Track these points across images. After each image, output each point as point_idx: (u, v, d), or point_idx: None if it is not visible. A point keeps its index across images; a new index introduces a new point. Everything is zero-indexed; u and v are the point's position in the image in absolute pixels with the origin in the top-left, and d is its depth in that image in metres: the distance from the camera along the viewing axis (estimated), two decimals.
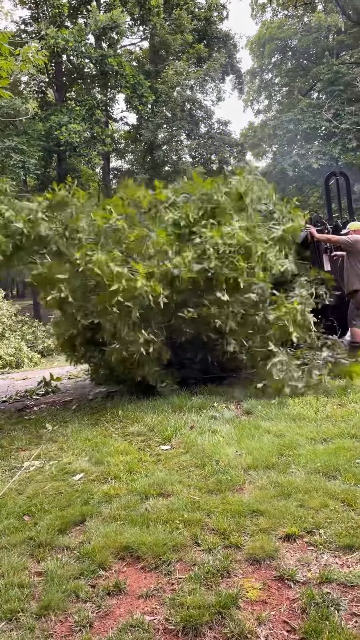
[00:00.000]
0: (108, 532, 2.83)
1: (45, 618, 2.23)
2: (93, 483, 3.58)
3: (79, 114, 20.85)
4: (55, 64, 23.47)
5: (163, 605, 2.26)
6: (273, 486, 3.21)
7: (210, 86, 28.15)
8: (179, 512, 2.98)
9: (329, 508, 2.86)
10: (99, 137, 21.20)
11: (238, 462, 3.64)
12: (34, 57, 7.08)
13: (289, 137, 27.04)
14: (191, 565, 2.50)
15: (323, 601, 2.17)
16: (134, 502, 3.19)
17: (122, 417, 5.11)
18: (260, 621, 2.12)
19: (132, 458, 3.95)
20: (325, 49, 28.53)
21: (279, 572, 2.40)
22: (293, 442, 3.88)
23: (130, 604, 2.30)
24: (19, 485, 3.67)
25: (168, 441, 4.30)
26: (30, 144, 19.42)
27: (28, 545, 2.81)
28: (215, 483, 3.34)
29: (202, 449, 3.97)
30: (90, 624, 2.18)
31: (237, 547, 2.61)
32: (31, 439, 4.79)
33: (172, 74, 22.78)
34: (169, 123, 23.71)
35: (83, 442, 4.46)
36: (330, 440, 3.88)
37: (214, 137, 27.28)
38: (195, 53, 25.24)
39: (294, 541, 2.63)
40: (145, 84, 22.25)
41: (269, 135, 28.72)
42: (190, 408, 5.13)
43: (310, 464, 3.45)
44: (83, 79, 24.17)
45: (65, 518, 3.05)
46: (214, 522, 2.84)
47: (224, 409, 5.02)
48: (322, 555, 2.50)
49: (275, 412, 4.69)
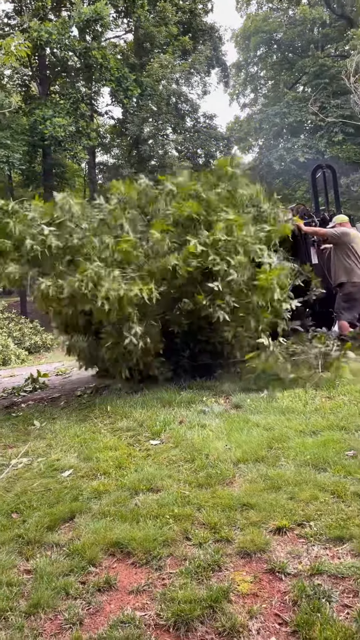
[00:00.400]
0: (98, 528, 2.81)
1: (35, 616, 2.20)
2: (82, 479, 3.55)
3: (64, 107, 20.65)
4: (38, 57, 23.19)
5: (154, 600, 2.25)
6: (263, 479, 3.20)
7: (195, 79, 28.07)
8: (169, 507, 2.96)
9: (319, 500, 2.86)
10: (84, 131, 21.02)
11: (228, 455, 3.63)
12: (17, 50, 6.97)
13: (275, 131, 27.09)
14: (182, 560, 2.49)
15: (314, 593, 2.16)
16: (123, 497, 3.17)
17: (111, 413, 5.08)
18: (252, 614, 2.11)
19: (121, 453, 3.93)
20: (310, 42, 28.57)
21: (270, 565, 2.39)
22: (282, 435, 3.88)
23: (120, 600, 2.29)
24: (6, 483, 3.63)
25: (157, 436, 4.28)
26: (14, 138, 19.19)
27: (16, 543, 2.78)
28: (205, 477, 3.33)
29: (192, 443, 3.96)
30: (80, 621, 2.16)
31: (227, 541, 2.60)
32: (19, 436, 4.75)
33: (157, 67, 22.64)
34: (155, 117, 23.60)
35: (72, 438, 4.43)
36: (319, 433, 3.88)
37: (200, 131, 27.23)
38: (180, 46, 25.11)
39: (285, 534, 2.62)
40: (130, 77, 22.08)
41: (255, 129, 28.73)
42: (179, 403, 5.11)
43: (300, 457, 3.45)
44: (67, 72, 23.91)
45: (54, 515, 3.02)
46: (204, 517, 2.83)
47: (213, 403, 5.01)
48: (312, 548, 2.50)
49: (264, 406, 4.69)
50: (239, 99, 35.08)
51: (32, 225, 5.51)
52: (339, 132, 23.94)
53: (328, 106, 24.51)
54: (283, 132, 27.48)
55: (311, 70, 26.82)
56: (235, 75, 33.49)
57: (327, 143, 24.27)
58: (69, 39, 20.11)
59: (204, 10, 28.28)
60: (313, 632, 1.96)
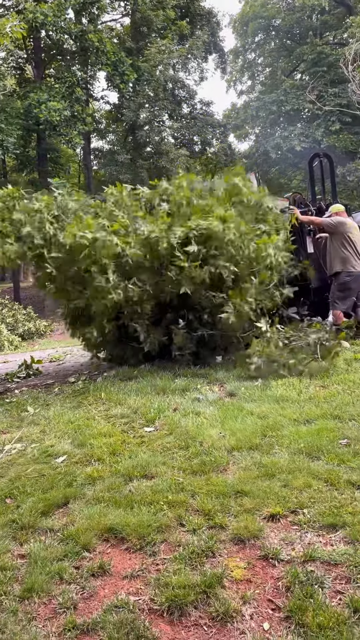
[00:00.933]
0: (92, 514, 2.81)
1: (29, 600, 2.21)
2: (76, 465, 3.55)
3: (59, 91, 20.37)
4: (33, 40, 22.83)
5: (148, 585, 2.26)
6: (257, 467, 3.21)
7: (192, 65, 27.75)
8: (163, 493, 2.97)
9: (312, 488, 2.88)
10: (80, 116, 20.76)
11: (222, 443, 3.64)
12: (12, 31, 6.85)
13: (272, 119, 26.91)
14: (176, 545, 2.50)
15: (307, 579, 2.18)
16: (117, 484, 3.17)
17: (105, 400, 5.07)
18: (245, 600, 2.13)
19: (115, 440, 3.93)
20: (308, 29, 28.31)
21: (263, 552, 2.41)
22: (276, 424, 3.90)
23: (114, 585, 2.29)
24: (0, 469, 3.62)
25: (152, 423, 4.28)
26: (8, 122, 18.92)
27: (10, 528, 2.78)
28: (199, 464, 3.34)
29: (186, 430, 3.96)
30: (74, 605, 2.17)
31: (221, 527, 2.62)
32: (12, 422, 4.74)
33: (155, 52, 22.35)
34: (151, 103, 23.35)
35: (65, 424, 4.42)
36: (313, 422, 3.90)
37: (196, 117, 26.99)
38: (177, 30, 24.79)
39: (278, 521, 2.64)
40: (126, 61, 21.80)
41: (252, 116, 28.48)
42: (173, 390, 5.11)
43: (294, 445, 3.47)
44: (62, 55, 23.58)
45: (48, 500, 3.02)
46: (198, 503, 2.84)
47: (208, 391, 5.01)
48: (306, 535, 2.51)
49: (258, 394, 4.70)
50: (236, 85, 34.79)
51: (34, 215, 5.88)
52: (336, 121, 23.79)
53: (325, 95, 24.33)
54: (280, 121, 27.30)
55: (309, 58, 26.57)
56: (233, 62, 33.16)
57: (324, 132, 24.13)
58: (65, 22, 19.80)
59: None
60: (306, 618, 1.98)
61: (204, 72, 30.46)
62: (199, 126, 26.24)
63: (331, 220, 6.93)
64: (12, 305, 18.78)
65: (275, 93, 26.83)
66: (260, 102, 27.32)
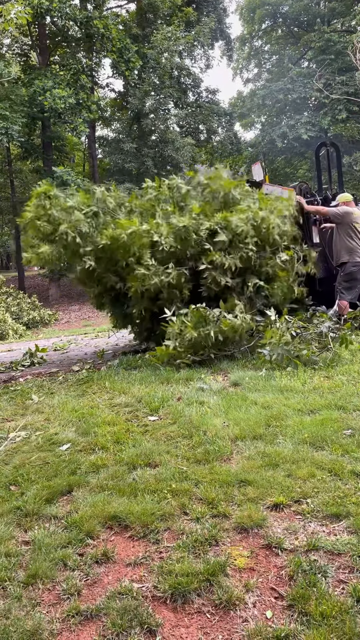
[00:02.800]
0: (96, 502, 2.82)
1: (33, 586, 2.22)
2: (80, 453, 3.56)
3: (64, 78, 20.19)
4: (38, 26, 22.60)
5: (151, 573, 2.27)
6: (260, 456, 3.21)
7: (198, 52, 27.47)
8: (166, 482, 2.98)
9: (316, 478, 2.88)
10: (85, 103, 20.59)
11: (225, 432, 3.64)
12: (17, 16, 6.77)
13: (278, 107, 26.65)
14: (179, 534, 2.51)
15: (310, 568, 2.19)
16: (121, 472, 3.18)
17: (110, 389, 5.08)
18: (248, 588, 2.13)
19: (119, 429, 3.94)
20: (316, 16, 27.91)
21: (266, 541, 2.41)
22: (280, 414, 3.89)
23: (118, 572, 2.30)
24: (5, 456, 3.64)
25: (155, 412, 4.29)
26: (13, 109, 18.80)
27: (15, 515, 2.79)
28: (202, 453, 3.34)
29: (190, 419, 3.96)
30: (78, 591, 2.18)
31: (225, 516, 2.62)
32: (17, 410, 4.75)
33: (161, 39, 22.11)
34: (157, 90, 23.14)
35: (70, 413, 4.44)
36: (317, 412, 3.90)
37: (202, 106, 26.76)
38: (183, 17, 24.49)
39: (282, 510, 2.64)
40: (132, 48, 21.57)
41: (258, 105, 28.20)
42: (177, 380, 5.12)
43: (298, 435, 3.46)
44: (68, 42, 23.34)
45: (52, 488, 3.03)
46: (202, 492, 2.85)
47: (212, 381, 5.01)
48: (309, 524, 2.51)
49: (262, 384, 4.69)
50: (242, 73, 34.40)
51: (71, 212, 6.27)
52: (343, 109, 23.54)
53: (333, 83, 24.05)
54: (286, 109, 27.01)
55: (317, 46, 26.23)
56: (239, 49, 32.76)
57: (331, 120, 23.88)
58: (70, 8, 19.56)
59: None
60: (309, 606, 1.98)
61: (210, 60, 30.16)
62: (205, 114, 26.01)
63: (338, 210, 6.88)
64: (16, 294, 18.80)
65: (282, 81, 26.53)
66: (266, 90, 27.04)
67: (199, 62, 29.21)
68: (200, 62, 29.60)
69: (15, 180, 26.38)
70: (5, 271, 39.65)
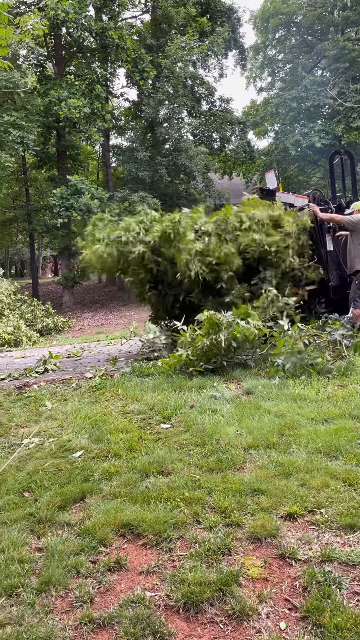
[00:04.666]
0: (108, 509, 2.82)
1: (46, 593, 2.23)
2: (93, 460, 3.57)
3: (79, 88, 20.40)
4: (54, 37, 22.91)
5: (164, 581, 2.26)
6: (274, 465, 3.20)
7: (212, 62, 27.60)
8: (179, 490, 2.97)
9: (330, 488, 2.85)
10: (99, 113, 20.78)
11: (238, 441, 3.63)
12: (34, 27, 6.87)
13: (292, 116, 26.63)
14: (192, 542, 2.50)
15: (325, 580, 2.16)
16: (134, 479, 3.18)
17: (122, 396, 5.09)
18: (262, 599, 2.12)
19: (132, 436, 3.94)
20: (330, 24, 27.93)
21: (280, 551, 2.39)
22: (294, 422, 3.87)
23: (131, 580, 2.30)
24: (18, 462, 3.66)
25: (168, 420, 4.29)
26: (29, 119, 19.03)
27: (28, 521, 2.80)
28: (215, 462, 3.33)
29: (203, 427, 3.96)
30: (91, 599, 2.18)
31: (238, 525, 2.61)
32: (30, 416, 4.78)
33: (175, 49, 22.26)
34: (171, 99, 23.28)
35: (83, 419, 4.45)
36: (331, 421, 3.87)
37: (215, 114, 26.84)
38: (198, 27, 24.66)
39: (295, 520, 2.62)
40: (146, 58, 21.74)
41: (272, 113, 28.22)
42: (190, 387, 5.11)
43: (311, 444, 3.44)
44: (83, 52, 23.60)
45: (65, 495, 3.04)
46: (214, 501, 2.84)
47: (224, 389, 5.00)
48: (323, 535, 2.49)
49: (275, 392, 4.67)
50: (255, 82, 34.45)
51: None
52: (357, 117, 23.47)
53: (347, 91, 24.01)
54: (300, 117, 26.98)
55: (331, 54, 26.23)
56: (253, 58, 32.86)
57: (345, 128, 23.82)
58: (86, 19, 19.81)
59: None
60: (323, 618, 1.96)
61: (224, 69, 30.30)
62: (218, 123, 26.08)
63: (352, 217, 6.85)
64: (31, 301, 18.93)
65: (296, 89, 26.55)
66: (280, 98, 27.06)
67: (213, 71, 29.33)
68: (214, 71, 29.71)
69: (30, 189, 26.66)
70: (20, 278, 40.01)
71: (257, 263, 6.94)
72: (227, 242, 6.85)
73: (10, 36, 5.53)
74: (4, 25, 5.65)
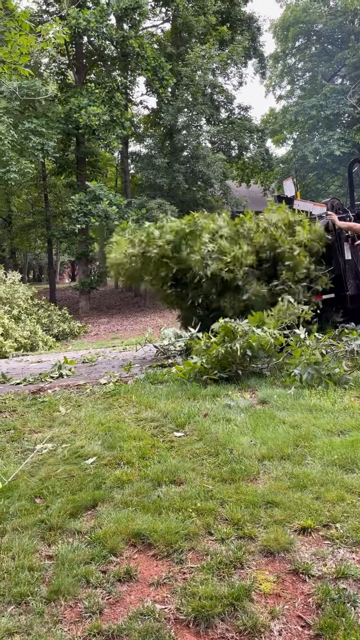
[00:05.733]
0: (119, 518, 2.80)
1: (55, 603, 2.20)
2: (105, 468, 3.55)
3: (99, 96, 20.61)
4: (75, 45, 23.19)
5: (174, 594, 2.22)
6: (288, 477, 3.14)
7: (232, 70, 27.66)
8: (191, 500, 2.93)
9: (345, 502, 2.79)
10: (119, 120, 20.96)
11: (252, 451, 3.58)
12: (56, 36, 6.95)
13: (311, 124, 26.58)
14: (204, 554, 2.46)
15: (339, 597, 2.11)
16: (146, 488, 3.15)
17: (136, 403, 5.07)
18: (274, 615, 2.07)
19: (145, 444, 3.92)
20: (350, 33, 27.87)
21: (293, 566, 2.34)
22: (309, 434, 3.81)
23: (141, 592, 2.27)
24: (31, 468, 3.66)
25: (181, 428, 4.25)
26: (49, 126, 19.26)
27: (39, 528, 2.79)
28: (229, 472, 3.29)
29: (216, 437, 3.92)
30: (100, 610, 2.15)
31: (250, 538, 2.56)
32: (44, 422, 4.78)
33: (195, 57, 22.37)
34: (190, 107, 23.36)
35: (96, 426, 4.44)
36: (347, 433, 3.80)
37: (234, 122, 26.87)
38: (218, 35, 24.75)
39: (310, 534, 2.57)
40: (166, 66, 21.88)
41: (290, 121, 28.20)
42: (204, 396, 5.08)
43: (327, 456, 3.38)
44: (103, 60, 23.84)
45: (76, 502, 3.03)
46: (227, 512, 2.79)
47: (239, 398, 4.95)
48: (338, 550, 2.43)
49: (291, 403, 4.61)
50: (274, 90, 34.51)
51: None
52: None
53: None
54: (319, 125, 26.93)
55: (350, 62, 26.18)
56: (272, 67, 32.91)
57: None
58: (107, 28, 20.02)
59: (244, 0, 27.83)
60: (337, 637, 1.91)
61: (243, 77, 30.31)
62: (237, 131, 26.10)
63: None
64: (48, 305, 19.06)
65: (315, 98, 26.51)
66: (299, 106, 27.04)
67: (232, 79, 29.42)
68: (234, 80, 29.84)
69: (49, 195, 26.94)
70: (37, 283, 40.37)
71: (273, 267, 6.97)
72: (242, 243, 6.99)
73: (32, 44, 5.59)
74: (25, 33, 5.73)
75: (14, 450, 4.06)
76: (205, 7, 23.98)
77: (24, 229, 27.87)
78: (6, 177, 18.16)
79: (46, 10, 23.16)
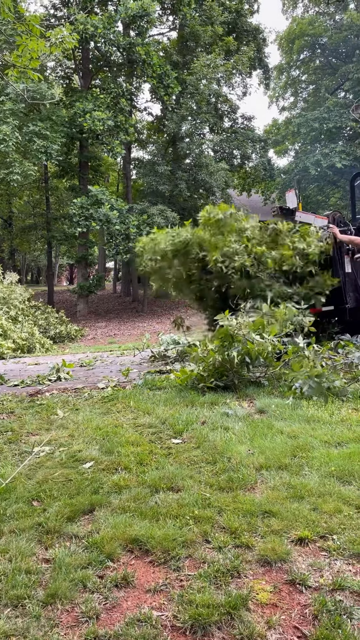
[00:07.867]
0: (117, 523, 2.80)
1: (52, 606, 2.20)
2: (103, 472, 3.55)
3: (104, 101, 20.73)
4: (82, 51, 23.34)
5: (171, 601, 2.22)
6: (285, 487, 3.15)
7: (236, 80, 27.89)
8: (189, 507, 2.94)
9: (343, 513, 2.80)
10: (122, 126, 21.07)
11: (250, 460, 3.59)
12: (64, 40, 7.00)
13: (313, 136, 26.77)
14: (201, 562, 2.46)
15: (335, 609, 2.11)
16: (143, 494, 3.15)
17: (134, 408, 5.08)
18: (270, 625, 2.07)
19: (142, 449, 3.92)
20: (355, 47, 28.13)
21: (290, 576, 2.35)
22: (307, 444, 3.82)
23: (138, 598, 2.27)
24: (28, 470, 3.65)
25: (179, 435, 4.26)
26: (53, 129, 19.36)
27: (36, 531, 2.79)
28: (226, 480, 3.29)
29: (214, 445, 3.92)
30: (97, 615, 2.15)
31: (248, 547, 2.57)
32: (42, 424, 4.78)
33: (201, 66, 22.54)
34: (194, 115, 23.51)
35: (94, 430, 4.44)
36: (344, 445, 3.81)
37: (237, 132, 27.07)
38: (224, 46, 24.96)
39: (307, 545, 2.57)
40: (172, 74, 22.04)
41: (293, 132, 28.40)
42: (202, 403, 5.09)
43: (324, 468, 3.39)
44: (109, 66, 24.00)
45: (74, 506, 3.02)
46: (224, 521, 2.80)
47: (237, 406, 4.97)
48: (335, 562, 2.44)
49: (289, 413, 4.63)
50: (278, 101, 34.82)
51: None
52: None
53: None
54: (321, 138, 27.13)
55: (355, 77, 26.43)
56: (277, 78, 33.20)
57: None
58: (114, 34, 20.17)
59: (250, 11, 28.10)
60: None
61: (248, 87, 30.59)
62: (240, 140, 26.29)
63: None
64: (45, 307, 19.05)
65: (318, 110, 26.73)
66: (302, 118, 27.25)
67: (237, 89, 29.66)
68: (238, 89, 30.07)
69: (50, 197, 27.01)
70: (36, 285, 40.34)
71: None
72: None
73: (42, 49, 5.64)
74: (36, 37, 5.77)
75: (11, 452, 4.06)
76: (212, 17, 24.20)
77: (24, 231, 27.91)
78: (8, 179, 18.21)
79: (54, 15, 23.32)
